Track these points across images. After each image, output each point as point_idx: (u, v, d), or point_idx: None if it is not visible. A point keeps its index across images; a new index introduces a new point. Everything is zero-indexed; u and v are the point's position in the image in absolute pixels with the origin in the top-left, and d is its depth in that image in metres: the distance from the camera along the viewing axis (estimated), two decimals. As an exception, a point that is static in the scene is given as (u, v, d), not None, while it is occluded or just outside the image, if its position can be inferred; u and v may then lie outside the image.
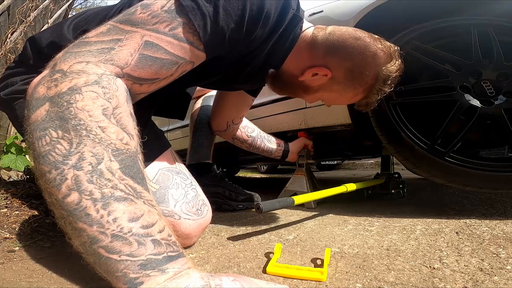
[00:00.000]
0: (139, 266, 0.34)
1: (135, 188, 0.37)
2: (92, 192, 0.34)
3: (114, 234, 0.34)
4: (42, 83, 0.39)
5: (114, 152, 0.37)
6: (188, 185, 0.69)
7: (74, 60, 0.40)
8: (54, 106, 0.37)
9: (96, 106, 0.37)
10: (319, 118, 1.21)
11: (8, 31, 2.77)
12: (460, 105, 0.83)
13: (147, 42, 0.43)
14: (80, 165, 0.35)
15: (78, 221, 0.35)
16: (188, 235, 0.64)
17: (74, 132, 0.36)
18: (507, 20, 0.85)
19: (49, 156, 0.35)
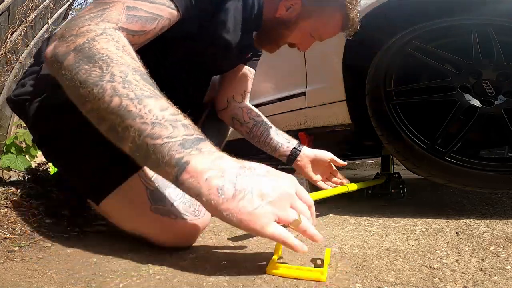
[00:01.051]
0: (180, 146, 0.41)
1: (155, 91, 0.46)
2: (127, 94, 0.43)
3: (152, 121, 0.42)
4: (58, 46, 0.48)
5: (134, 70, 0.46)
6: None
7: (77, 26, 0.49)
8: (78, 52, 0.46)
9: (111, 45, 0.47)
10: (319, 118, 1.21)
11: (8, 31, 2.77)
12: (460, 105, 0.83)
13: (129, 6, 0.53)
14: (113, 79, 0.44)
15: (124, 120, 0.43)
16: (185, 235, 0.63)
17: (101, 61, 0.45)
18: (507, 20, 0.85)
19: (88, 80, 0.44)
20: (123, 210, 0.64)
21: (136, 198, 0.63)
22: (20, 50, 3.13)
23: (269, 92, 1.45)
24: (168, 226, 0.62)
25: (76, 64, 0.46)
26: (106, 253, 0.63)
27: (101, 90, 0.44)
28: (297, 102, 1.28)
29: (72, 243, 0.70)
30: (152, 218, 0.62)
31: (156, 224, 0.62)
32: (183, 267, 0.54)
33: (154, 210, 0.62)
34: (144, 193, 0.63)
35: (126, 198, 0.63)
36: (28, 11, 2.96)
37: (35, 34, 3.42)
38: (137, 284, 0.47)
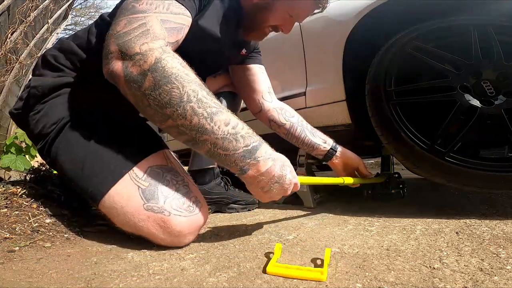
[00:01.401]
0: (242, 157, 0.57)
1: (218, 103, 0.58)
2: (202, 113, 0.55)
3: (222, 137, 0.56)
4: (129, 65, 0.57)
5: (199, 86, 0.57)
6: (180, 181, 0.69)
7: (135, 44, 0.57)
8: (154, 72, 0.55)
9: (176, 63, 0.57)
10: (319, 118, 1.21)
11: (8, 31, 2.77)
12: (460, 105, 0.83)
13: (162, 20, 0.61)
14: (190, 99, 0.55)
15: (202, 135, 0.56)
16: (179, 232, 0.63)
17: (176, 81, 0.55)
18: (507, 20, 0.85)
19: (172, 101, 0.55)
20: (119, 210, 0.65)
21: (130, 197, 0.64)
22: (20, 50, 3.13)
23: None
24: (163, 223, 0.62)
25: (157, 85, 0.55)
26: (106, 253, 0.63)
27: (183, 111, 0.55)
28: (297, 102, 1.28)
29: (72, 243, 0.70)
30: (146, 216, 0.63)
31: (151, 222, 0.63)
32: (183, 267, 0.54)
33: (147, 208, 0.63)
34: (137, 192, 0.64)
35: (121, 199, 0.64)
36: (28, 11, 2.96)
37: (35, 34, 3.42)
38: (137, 284, 0.47)
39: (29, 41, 3.26)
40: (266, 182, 0.60)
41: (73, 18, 10.22)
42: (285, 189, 0.62)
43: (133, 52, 0.57)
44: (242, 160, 0.58)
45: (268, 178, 0.59)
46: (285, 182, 0.61)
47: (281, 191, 0.62)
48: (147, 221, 0.63)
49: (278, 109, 1.06)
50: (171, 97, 0.55)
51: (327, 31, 1.16)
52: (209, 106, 0.56)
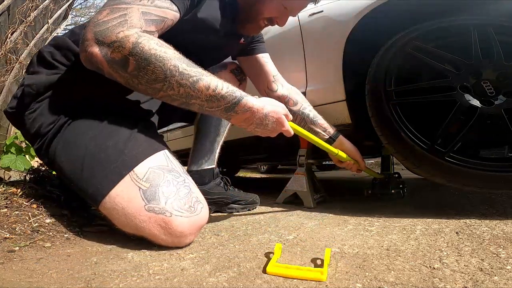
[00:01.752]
0: (224, 111, 0.67)
1: (199, 70, 0.64)
2: (186, 83, 0.62)
3: (206, 99, 0.65)
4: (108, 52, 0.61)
5: (178, 59, 0.62)
6: (181, 182, 0.68)
7: (113, 32, 0.61)
8: (135, 56, 0.60)
9: (152, 44, 0.61)
10: (319, 118, 1.21)
11: (8, 31, 2.77)
12: (460, 105, 0.83)
13: (143, 12, 0.65)
14: (173, 74, 0.61)
15: (190, 99, 0.65)
16: (181, 232, 0.63)
17: (157, 61, 0.60)
18: (507, 20, 0.85)
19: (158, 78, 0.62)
20: (120, 212, 0.64)
21: (131, 199, 0.64)
22: (20, 50, 3.13)
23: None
24: (164, 224, 0.62)
25: (140, 67, 0.61)
26: (106, 253, 0.63)
27: (170, 85, 0.62)
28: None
29: (72, 243, 0.70)
30: (148, 217, 0.62)
31: (152, 223, 0.62)
32: (183, 267, 0.54)
33: (148, 209, 0.63)
34: (138, 193, 0.64)
35: (122, 200, 0.64)
36: (28, 11, 2.96)
37: (35, 34, 3.42)
38: (137, 284, 0.47)
39: (29, 41, 3.26)
40: (248, 126, 0.71)
41: (73, 18, 10.18)
42: (268, 133, 0.73)
43: (109, 40, 0.61)
44: (225, 113, 0.68)
45: (247, 125, 0.71)
46: (267, 129, 0.72)
47: (266, 133, 0.74)
48: (149, 222, 0.63)
49: (281, 98, 1.07)
50: (156, 75, 0.62)
51: (327, 31, 1.16)
52: (190, 76, 0.63)
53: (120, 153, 0.68)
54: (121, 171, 0.66)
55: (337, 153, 0.97)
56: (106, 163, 0.67)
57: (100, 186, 0.66)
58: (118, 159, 0.67)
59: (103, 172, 0.66)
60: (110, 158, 0.67)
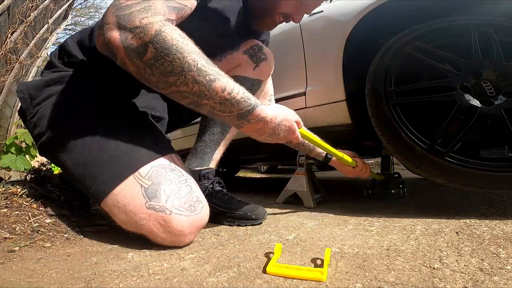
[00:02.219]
0: (236, 118, 0.64)
1: (217, 70, 0.61)
2: (202, 81, 0.59)
3: (219, 102, 0.61)
4: (129, 37, 0.58)
5: (198, 55, 0.60)
6: (183, 181, 0.68)
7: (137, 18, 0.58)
8: (156, 44, 0.57)
9: (175, 35, 0.59)
10: (319, 118, 1.21)
11: (8, 31, 2.77)
12: (460, 105, 0.83)
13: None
14: (190, 68, 0.58)
15: (202, 99, 0.61)
16: (180, 231, 0.63)
17: (177, 52, 0.58)
18: (507, 20, 0.85)
19: (174, 70, 0.59)
20: (121, 209, 0.64)
21: (132, 196, 0.64)
22: (20, 50, 3.13)
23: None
24: (164, 222, 0.62)
25: (159, 56, 0.58)
26: (106, 253, 0.63)
27: (185, 80, 0.59)
28: (297, 102, 1.28)
29: (72, 243, 0.70)
30: (148, 215, 0.63)
31: (152, 220, 0.63)
32: (183, 267, 0.54)
33: (148, 206, 0.63)
34: (139, 190, 0.64)
35: (123, 197, 0.64)
36: (28, 11, 2.96)
37: (35, 34, 3.42)
38: (137, 284, 0.47)
39: (29, 41, 3.26)
40: (259, 136, 0.70)
41: (73, 18, 10.20)
42: (281, 140, 0.72)
43: (133, 25, 0.58)
44: (236, 120, 0.65)
45: (259, 135, 0.69)
46: (278, 138, 0.71)
47: (278, 141, 0.72)
48: (148, 220, 0.63)
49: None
50: (174, 67, 0.59)
51: (327, 31, 1.16)
52: (208, 74, 0.60)
53: (123, 154, 0.67)
54: (124, 172, 0.66)
55: (342, 157, 0.96)
56: (110, 164, 0.67)
57: (102, 186, 0.66)
58: (121, 160, 0.67)
59: (106, 172, 0.66)
60: (114, 158, 0.67)
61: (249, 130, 0.67)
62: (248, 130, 0.67)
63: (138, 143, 0.70)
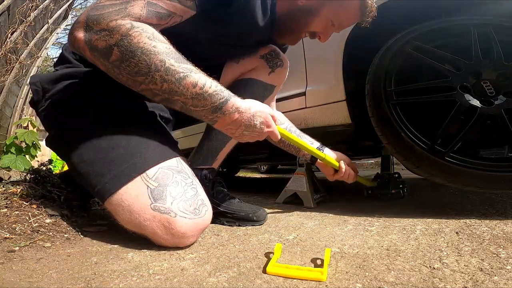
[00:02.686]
0: (210, 112, 0.64)
1: (186, 67, 0.61)
2: (170, 79, 0.60)
3: (191, 97, 0.61)
4: (94, 39, 0.58)
5: (167, 55, 0.59)
6: (189, 184, 0.68)
7: (105, 20, 0.58)
8: (121, 47, 0.58)
9: (143, 37, 0.58)
10: (319, 118, 1.21)
11: (8, 31, 2.77)
12: (460, 105, 0.83)
13: (149, 2, 0.61)
14: (157, 68, 0.59)
15: (173, 96, 0.62)
16: (183, 234, 0.63)
17: (143, 55, 0.58)
18: (507, 20, 0.85)
19: (141, 71, 0.59)
20: (125, 209, 0.64)
21: (138, 196, 0.64)
22: (20, 50, 3.13)
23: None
24: (167, 224, 0.62)
25: (123, 58, 0.58)
26: (106, 253, 0.63)
27: (152, 79, 0.60)
28: (297, 102, 1.28)
29: (72, 243, 0.70)
30: (152, 216, 0.62)
31: (156, 222, 0.62)
32: (183, 267, 0.54)
33: (153, 208, 0.63)
34: (145, 191, 0.64)
35: (129, 197, 0.64)
36: (28, 11, 2.96)
37: (35, 34, 3.42)
38: (137, 284, 0.47)
39: (29, 41, 3.26)
40: (235, 130, 0.68)
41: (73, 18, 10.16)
42: (256, 136, 0.71)
43: (99, 27, 0.58)
44: (210, 114, 0.65)
45: (235, 128, 0.67)
46: (255, 131, 0.69)
47: (254, 137, 0.71)
48: (152, 221, 0.63)
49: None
50: (139, 68, 0.59)
51: (327, 31, 1.16)
52: (177, 73, 0.60)
53: (132, 154, 0.67)
54: (130, 173, 0.65)
55: (324, 157, 0.94)
56: (117, 163, 0.66)
57: (108, 184, 0.65)
58: (130, 160, 0.66)
59: (113, 171, 0.66)
60: (122, 158, 0.67)
61: (225, 123, 0.66)
62: (224, 123, 0.66)
63: (146, 143, 0.70)
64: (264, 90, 0.99)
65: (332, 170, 1.01)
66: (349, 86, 1.10)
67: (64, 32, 4.59)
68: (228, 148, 1.00)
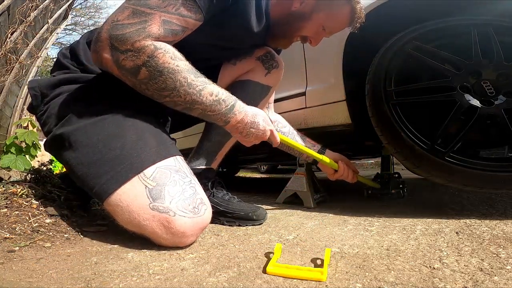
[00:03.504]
0: (223, 115, 0.72)
1: (202, 80, 0.69)
2: (193, 92, 0.68)
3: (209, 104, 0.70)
4: (121, 58, 0.64)
5: (187, 72, 0.67)
6: (187, 183, 0.68)
7: (130, 40, 0.63)
8: (149, 67, 0.65)
9: (167, 58, 0.65)
10: (319, 119, 1.21)
11: (8, 31, 2.77)
12: (460, 105, 0.83)
13: (164, 20, 0.66)
14: (181, 84, 0.67)
15: (194, 105, 0.69)
16: (183, 233, 0.63)
17: (169, 74, 0.65)
18: (507, 20, 0.85)
19: (167, 87, 0.67)
20: (124, 209, 0.64)
21: (136, 196, 0.63)
22: (20, 50, 3.13)
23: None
24: (167, 224, 0.62)
25: (152, 77, 0.66)
26: (106, 253, 0.63)
27: (178, 93, 0.68)
28: (297, 102, 1.28)
29: (72, 243, 0.70)
30: (151, 216, 0.62)
31: (155, 221, 0.62)
32: (183, 267, 0.54)
33: (152, 207, 0.63)
34: (144, 191, 0.64)
35: (127, 197, 0.64)
36: (28, 11, 2.96)
37: (35, 34, 3.42)
38: (137, 284, 0.47)
39: (29, 41, 3.26)
40: (243, 128, 0.75)
41: (73, 18, 10.20)
42: (261, 134, 0.77)
43: (124, 48, 0.63)
44: (225, 115, 0.72)
45: (243, 125, 0.75)
46: (259, 128, 0.76)
47: (258, 136, 0.77)
48: (152, 221, 0.63)
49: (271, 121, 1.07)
50: (166, 85, 0.66)
51: (327, 31, 1.16)
52: (197, 86, 0.68)
53: (129, 155, 0.67)
54: (127, 173, 0.65)
55: (322, 159, 1.00)
56: (115, 164, 0.66)
57: (106, 185, 0.65)
58: (126, 161, 0.66)
59: (110, 172, 0.66)
60: (119, 159, 0.67)
61: (236, 122, 0.74)
62: (235, 122, 0.74)
63: (143, 144, 0.70)
64: (261, 91, 1.01)
65: (333, 170, 1.07)
66: (349, 86, 1.10)
67: (64, 32, 4.60)
68: (226, 148, 1.01)
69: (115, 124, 0.72)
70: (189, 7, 0.68)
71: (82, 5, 10.66)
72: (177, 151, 0.75)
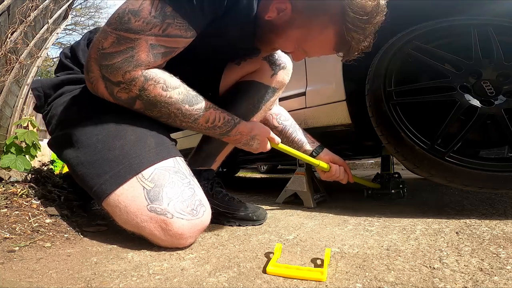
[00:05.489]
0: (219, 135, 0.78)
1: (200, 107, 0.72)
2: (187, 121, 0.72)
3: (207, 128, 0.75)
4: (116, 91, 0.67)
5: (181, 102, 0.69)
6: (186, 184, 0.68)
7: (119, 72, 0.63)
8: (142, 100, 0.68)
9: (158, 90, 0.67)
10: (319, 118, 1.21)
11: (8, 31, 2.77)
12: (460, 105, 0.83)
13: (152, 45, 0.64)
14: (176, 115, 0.71)
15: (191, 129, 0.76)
16: (181, 235, 0.63)
17: (162, 106, 0.69)
18: (507, 20, 0.85)
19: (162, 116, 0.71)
20: (123, 210, 0.64)
21: (134, 197, 0.63)
22: (20, 50, 3.13)
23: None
24: (165, 226, 0.62)
25: (147, 108, 0.69)
26: (106, 253, 0.63)
27: (173, 121, 0.72)
28: (297, 102, 1.28)
29: (72, 243, 0.70)
30: (149, 217, 0.62)
31: (153, 223, 0.62)
32: (183, 267, 0.54)
33: (150, 209, 0.62)
34: (141, 192, 0.64)
35: (125, 198, 0.64)
36: (28, 11, 2.96)
37: (35, 34, 3.42)
38: (137, 284, 0.47)
39: (29, 41, 3.26)
40: (236, 144, 0.84)
41: (73, 18, 10.21)
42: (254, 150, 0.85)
43: (116, 80, 0.64)
44: (219, 136, 0.79)
45: (235, 143, 0.83)
46: (251, 148, 0.84)
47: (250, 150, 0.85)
48: (149, 222, 0.63)
49: (274, 114, 1.09)
50: (161, 114, 0.71)
51: (327, 31, 1.16)
52: (192, 115, 0.72)
53: (127, 155, 0.67)
54: (126, 174, 0.65)
55: (319, 164, 1.00)
56: (113, 164, 0.66)
57: (104, 186, 0.66)
58: (125, 161, 0.66)
59: (109, 173, 0.66)
60: (118, 159, 0.67)
61: (228, 140, 0.82)
62: (228, 140, 0.82)
63: (143, 144, 0.70)
64: (266, 93, 0.97)
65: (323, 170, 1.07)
66: (349, 86, 1.10)
67: (64, 32, 4.60)
68: (227, 151, 1.01)
69: (115, 125, 0.71)
70: (177, 26, 0.63)
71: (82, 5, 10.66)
72: (177, 152, 0.75)
